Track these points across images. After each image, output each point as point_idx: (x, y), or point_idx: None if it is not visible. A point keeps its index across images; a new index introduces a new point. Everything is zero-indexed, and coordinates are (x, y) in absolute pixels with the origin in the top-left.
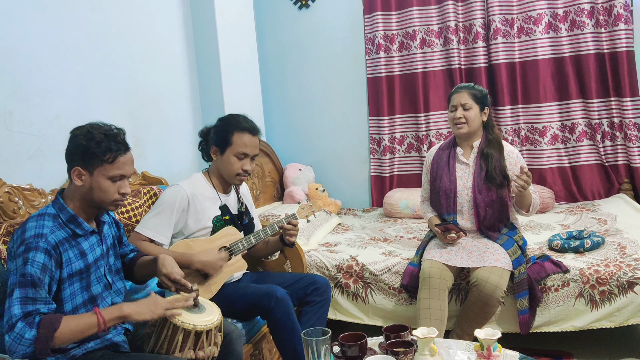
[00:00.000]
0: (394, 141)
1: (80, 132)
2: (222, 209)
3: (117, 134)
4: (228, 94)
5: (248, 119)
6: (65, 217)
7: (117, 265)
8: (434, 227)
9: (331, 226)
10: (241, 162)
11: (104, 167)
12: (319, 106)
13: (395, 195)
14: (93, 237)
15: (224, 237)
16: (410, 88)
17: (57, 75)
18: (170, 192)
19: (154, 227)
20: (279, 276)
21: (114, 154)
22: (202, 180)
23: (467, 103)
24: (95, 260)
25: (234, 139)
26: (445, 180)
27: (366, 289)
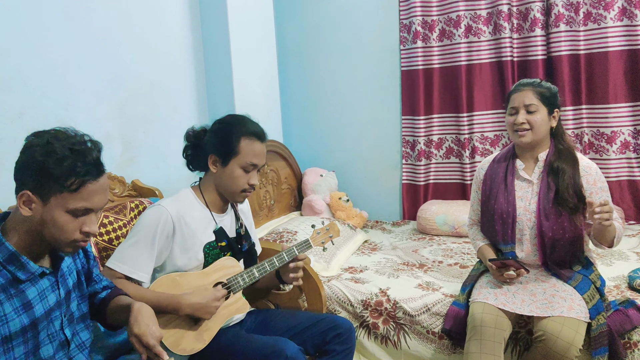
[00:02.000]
0: (430, 144)
1: (38, 141)
2: (217, 233)
3: (88, 150)
4: (240, 88)
5: (254, 122)
6: (2, 256)
7: (83, 310)
8: (486, 260)
9: (356, 244)
10: (248, 175)
11: (63, 196)
12: (345, 103)
13: (432, 209)
14: (45, 280)
15: (220, 270)
16: (452, 83)
17: (21, 62)
18: (151, 214)
19: (130, 261)
20: (291, 317)
21: (80, 179)
22: (191, 198)
23: (532, 104)
24: (47, 311)
25: (242, 147)
26: (502, 201)
27: (399, 332)
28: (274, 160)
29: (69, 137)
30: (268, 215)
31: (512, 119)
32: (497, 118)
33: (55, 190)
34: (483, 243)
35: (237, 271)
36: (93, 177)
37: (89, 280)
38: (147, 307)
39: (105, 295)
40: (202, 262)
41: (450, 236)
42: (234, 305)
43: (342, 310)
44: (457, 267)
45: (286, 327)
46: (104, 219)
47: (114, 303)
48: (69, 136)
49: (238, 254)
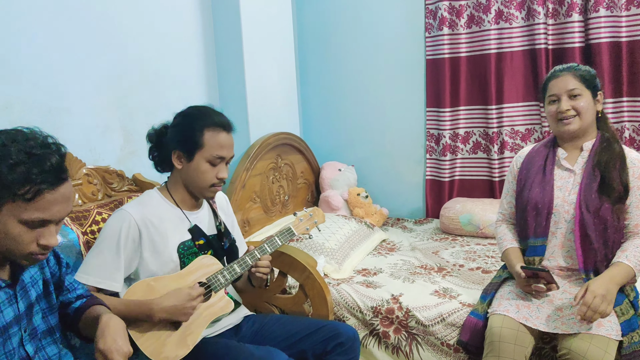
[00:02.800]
0: (456, 138)
1: None
2: (192, 231)
3: (47, 155)
4: (252, 77)
5: (218, 112)
6: None
7: (50, 323)
8: (514, 267)
9: (373, 244)
10: (216, 169)
11: (16, 205)
12: (366, 94)
13: (456, 207)
14: (1, 294)
15: (198, 269)
16: (480, 73)
17: (7, 49)
18: (113, 221)
19: (96, 272)
20: (290, 323)
21: (35, 187)
22: (156, 198)
23: (575, 89)
24: (3, 327)
25: (206, 139)
26: (538, 190)
27: (411, 342)
28: (289, 153)
29: (28, 140)
30: (282, 211)
31: (554, 107)
32: (529, 110)
33: (6, 197)
34: (511, 245)
35: (216, 269)
36: (51, 186)
37: (60, 289)
38: (117, 319)
39: (79, 305)
40: (177, 263)
41: (474, 237)
42: (217, 305)
43: (351, 317)
44: (479, 272)
45: (284, 335)
46: (97, 215)
47: (88, 314)
48: (28, 138)
49: (219, 252)
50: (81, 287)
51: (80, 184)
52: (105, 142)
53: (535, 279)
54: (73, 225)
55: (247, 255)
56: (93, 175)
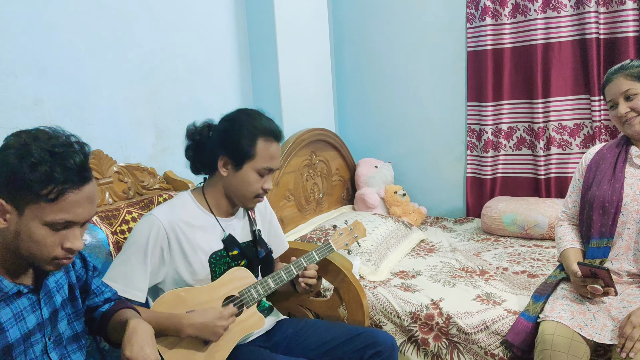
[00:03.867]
0: (499, 134)
1: (14, 142)
2: (226, 242)
3: (70, 154)
4: (287, 71)
5: (269, 119)
6: None
7: (76, 329)
8: (571, 266)
9: (411, 244)
10: (263, 180)
11: (39, 207)
12: (404, 88)
13: (499, 206)
14: (23, 300)
15: (231, 282)
16: (525, 65)
17: (37, 44)
18: (141, 226)
19: (122, 279)
20: (325, 330)
21: (58, 187)
22: (188, 202)
23: (630, 89)
24: (24, 335)
25: (258, 150)
26: (606, 188)
27: (452, 350)
28: (324, 150)
29: (50, 138)
30: (316, 209)
31: (614, 112)
32: (579, 104)
33: (30, 199)
34: (571, 246)
35: (249, 282)
36: (74, 185)
37: (87, 293)
38: (144, 325)
39: (107, 309)
40: (208, 273)
41: (518, 238)
42: (249, 321)
43: (388, 322)
44: (524, 275)
45: (319, 342)
46: (127, 214)
47: (116, 318)
48: (50, 137)
49: (253, 261)
50: (109, 289)
51: (111, 182)
52: (136, 138)
53: (593, 279)
54: (102, 225)
55: (282, 271)
56: (124, 173)
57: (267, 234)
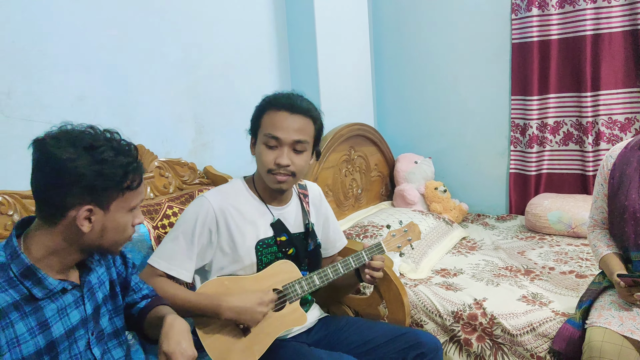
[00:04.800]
0: (544, 129)
1: (71, 154)
2: (275, 226)
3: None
4: (325, 66)
5: (294, 96)
6: (18, 270)
7: (117, 325)
8: (612, 275)
9: (452, 242)
10: (274, 153)
11: (124, 198)
12: (445, 82)
13: (544, 204)
14: (68, 296)
15: (276, 275)
16: (574, 57)
17: (81, 41)
18: (192, 207)
19: (169, 258)
20: (366, 329)
21: (137, 174)
22: (240, 188)
23: None
24: (68, 331)
25: (264, 120)
26: (635, 197)
27: (496, 352)
28: (363, 145)
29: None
30: (355, 205)
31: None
32: (630, 98)
33: (116, 195)
34: (608, 251)
35: (294, 277)
36: (141, 167)
37: (126, 290)
38: (181, 321)
39: (144, 305)
40: (254, 261)
41: (565, 236)
42: (291, 317)
43: (429, 321)
44: (572, 276)
45: (360, 341)
46: (168, 209)
47: (152, 314)
48: (97, 137)
49: (301, 252)
50: (146, 287)
51: (152, 177)
52: (177, 134)
53: (638, 287)
54: (144, 219)
55: (329, 269)
56: (165, 168)
57: (323, 229)
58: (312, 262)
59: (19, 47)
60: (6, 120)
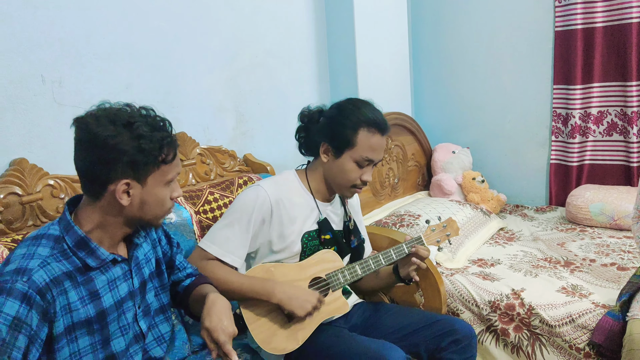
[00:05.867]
0: (587, 119)
1: (111, 132)
2: (321, 224)
3: (165, 125)
4: (364, 54)
5: (377, 109)
6: (72, 241)
7: (163, 301)
8: None
9: (489, 232)
10: (362, 171)
11: (161, 171)
12: (485, 70)
13: (586, 195)
14: (117, 268)
15: (319, 263)
16: (619, 45)
17: (129, 31)
18: (248, 195)
19: (222, 243)
20: (402, 315)
21: (172, 148)
22: (294, 182)
23: None
24: (118, 302)
25: (359, 139)
26: None
27: (534, 343)
28: (400, 134)
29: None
30: (391, 194)
31: None
32: None
33: (152, 169)
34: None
35: (337, 266)
36: (176, 146)
37: (172, 268)
38: (223, 299)
39: (188, 284)
40: (299, 251)
41: (607, 229)
42: (333, 305)
43: (466, 310)
44: (613, 268)
45: (396, 327)
46: (209, 195)
47: (197, 292)
48: (132, 113)
49: (344, 249)
50: (190, 266)
51: (194, 164)
52: (218, 122)
53: None
54: (186, 205)
55: (370, 259)
56: (206, 155)
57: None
58: (355, 257)
59: (70, 37)
60: (58, 108)
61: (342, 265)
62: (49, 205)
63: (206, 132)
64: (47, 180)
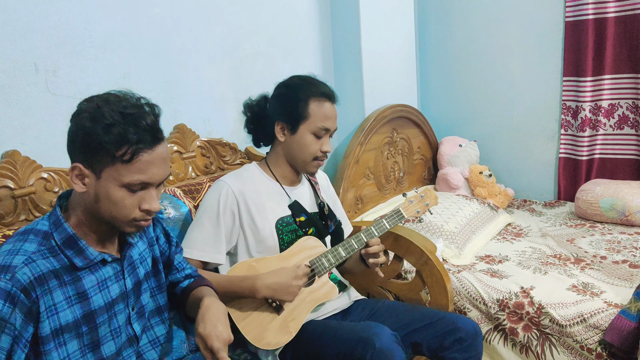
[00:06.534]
0: (598, 112)
1: (87, 106)
2: (292, 207)
3: (141, 115)
4: (368, 45)
5: (322, 82)
6: (60, 239)
7: (159, 303)
8: None
9: (497, 228)
10: (320, 142)
11: (116, 169)
12: (493, 62)
13: (596, 190)
14: (108, 268)
15: (301, 252)
16: (631, 36)
17: (125, 19)
18: (211, 192)
19: (199, 244)
20: (404, 312)
21: (132, 147)
22: (255, 172)
23: None
24: (108, 304)
25: (311, 110)
26: None
27: (543, 342)
28: (405, 127)
29: (121, 101)
30: (396, 188)
31: None
32: None
33: (106, 162)
34: None
35: (320, 252)
36: (148, 146)
37: (169, 268)
38: (218, 304)
39: (186, 286)
40: (276, 240)
41: (618, 224)
42: (321, 290)
43: (473, 309)
44: (625, 265)
45: (397, 324)
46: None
47: (194, 296)
48: (121, 99)
49: (322, 231)
50: (189, 266)
51: (194, 157)
52: (219, 113)
53: None
54: (185, 199)
55: (352, 239)
56: (206, 148)
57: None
58: (335, 240)
59: (65, 25)
60: (52, 98)
61: (325, 250)
62: (42, 199)
63: (206, 124)
64: (40, 174)
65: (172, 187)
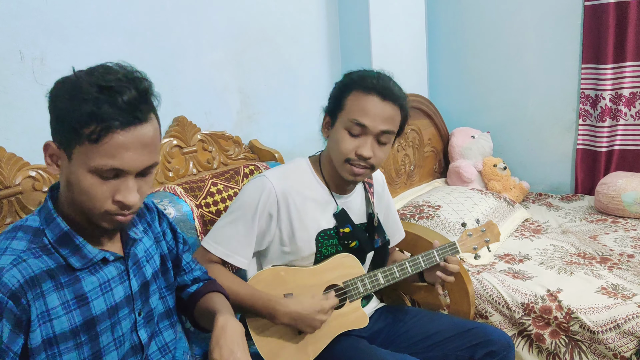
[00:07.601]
0: (618, 101)
1: (70, 76)
2: (338, 217)
3: (121, 89)
4: (378, 33)
5: (383, 77)
6: (53, 235)
7: (168, 305)
8: None
9: (514, 224)
10: (356, 142)
11: (84, 150)
12: (507, 49)
13: (617, 183)
14: (110, 268)
15: (336, 269)
16: None
17: (122, 5)
18: (252, 188)
19: (227, 242)
20: (429, 321)
21: (100, 125)
22: (305, 171)
23: None
24: (111, 308)
25: (349, 100)
26: None
27: (572, 350)
28: (415, 118)
29: (107, 73)
30: (407, 182)
31: None
32: None
33: (75, 141)
34: None
35: (356, 273)
36: (121, 125)
37: (177, 268)
38: (234, 324)
39: (195, 290)
40: (313, 252)
41: None
42: (350, 317)
43: (495, 313)
44: None
45: (422, 335)
46: (212, 186)
47: (203, 304)
48: (109, 71)
49: (366, 246)
50: (198, 268)
51: (195, 151)
52: (221, 105)
53: None
54: (186, 198)
55: (395, 267)
56: (208, 142)
57: (383, 220)
58: (378, 259)
59: (53, 8)
60: (40, 88)
61: (362, 273)
62: (30, 199)
63: (208, 116)
64: (27, 172)
65: (172, 184)
